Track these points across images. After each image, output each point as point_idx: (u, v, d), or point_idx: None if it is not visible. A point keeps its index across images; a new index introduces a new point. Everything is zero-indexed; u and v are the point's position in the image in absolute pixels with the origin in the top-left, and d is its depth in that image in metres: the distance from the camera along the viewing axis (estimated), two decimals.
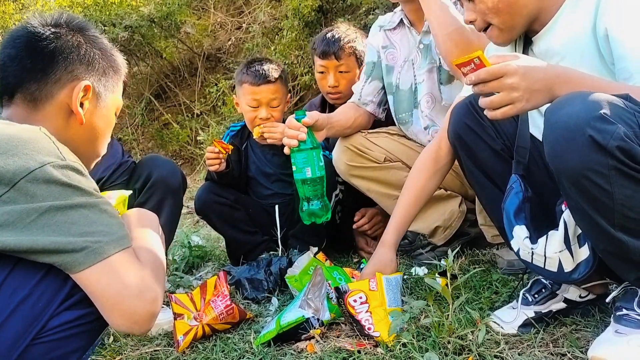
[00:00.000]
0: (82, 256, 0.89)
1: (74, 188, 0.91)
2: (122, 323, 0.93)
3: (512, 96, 1.07)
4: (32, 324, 0.89)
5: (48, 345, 0.91)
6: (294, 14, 4.72)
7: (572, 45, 1.29)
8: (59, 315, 0.91)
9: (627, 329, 1.15)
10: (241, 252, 2.23)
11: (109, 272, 0.91)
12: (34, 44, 1.06)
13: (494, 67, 1.07)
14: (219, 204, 2.19)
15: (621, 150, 0.97)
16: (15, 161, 0.89)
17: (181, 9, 5.62)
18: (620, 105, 1.00)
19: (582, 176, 1.00)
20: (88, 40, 1.12)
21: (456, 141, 1.49)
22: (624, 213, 1.02)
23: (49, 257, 0.89)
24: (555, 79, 1.09)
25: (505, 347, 1.26)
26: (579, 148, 0.99)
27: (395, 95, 2.11)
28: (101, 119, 1.14)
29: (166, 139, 5.93)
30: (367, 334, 1.40)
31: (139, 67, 6.39)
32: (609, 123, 0.97)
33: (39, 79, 1.05)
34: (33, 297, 0.89)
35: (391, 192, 2.07)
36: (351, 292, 1.48)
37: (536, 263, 1.27)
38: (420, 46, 2.02)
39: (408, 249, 2.26)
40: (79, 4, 5.50)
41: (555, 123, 1.03)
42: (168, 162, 1.94)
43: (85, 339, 0.96)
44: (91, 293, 0.92)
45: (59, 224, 0.89)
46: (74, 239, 0.89)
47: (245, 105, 2.22)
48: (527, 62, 1.09)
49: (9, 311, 0.88)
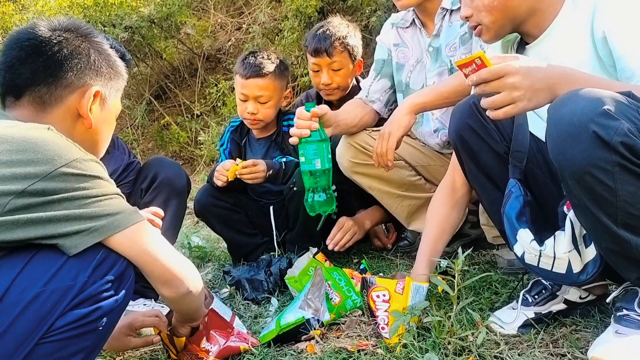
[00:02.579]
0: (118, 218, 0.99)
1: (99, 178, 1.00)
2: (160, 280, 1.07)
3: (513, 95, 1.07)
4: (41, 322, 0.90)
5: (55, 344, 0.91)
6: (294, 15, 4.73)
7: (571, 51, 1.29)
8: (66, 314, 0.92)
9: (628, 329, 1.14)
10: (241, 253, 2.23)
11: (138, 234, 1.02)
12: (44, 48, 1.09)
13: (495, 67, 1.07)
14: (218, 207, 2.18)
15: (625, 146, 0.97)
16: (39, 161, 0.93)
17: (181, 10, 5.63)
18: (624, 102, 1.00)
19: (586, 172, 1.00)
20: (94, 46, 1.16)
21: (458, 142, 1.49)
22: (627, 210, 1.02)
23: (84, 222, 0.94)
24: (556, 79, 1.09)
25: (505, 348, 1.26)
26: (583, 144, 0.99)
27: (405, 93, 2.09)
28: (105, 122, 1.19)
29: (166, 140, 5.93)
30: (376, 331, 1.41)
31: (139, 68, 6.39)
32: (612, 119, 0.97)
33: (49, 83, 1.08)
34: (44, 295, 0.90)
35: (393, 191, 2.08)
36: (376, 287, 1.48)
37: (543, 266, 1.26)
38: (429, 49, 2.00)
39: (408, 249, 2.27)
40: (78, 4, 5.51)
41: (559, 120, 1.03)
42: (174, 164, 1.98)
43: (90, 339, 0.97)
44: (129, 255, 1.01)
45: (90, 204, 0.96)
46: (107, 209, 0.98)
47: (237, 97, 2.20)
48: (528, 62, 1.09)
49: (19, 309, 0.88)
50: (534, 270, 1.29)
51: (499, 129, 1.42)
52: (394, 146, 1.76)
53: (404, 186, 2.07)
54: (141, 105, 6.10)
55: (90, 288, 0.94)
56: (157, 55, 6.27)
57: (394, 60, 2.12)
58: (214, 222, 2.23)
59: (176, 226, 1.91)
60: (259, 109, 2.14)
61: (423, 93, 1.79)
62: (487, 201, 1.50)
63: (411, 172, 2.08)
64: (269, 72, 2.12)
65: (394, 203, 2.10)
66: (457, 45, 1.93)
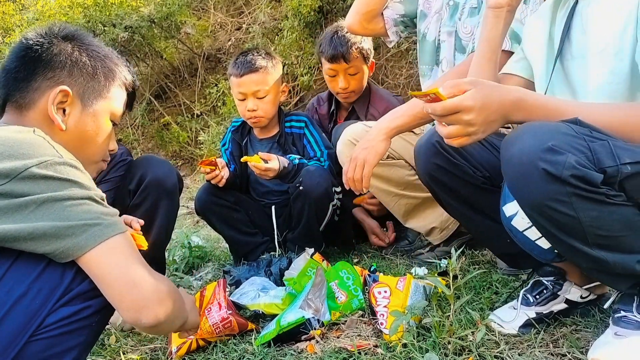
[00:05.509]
0: (83, 239, 0.91)
1: (71, 182, 0.93)
2: (130, 307, 0.94)
3: (468, 130, 1.07)
4: (30, 320, 0.89)
5: (46, 342, 0.91)
6: (294, 15, 4.73)
7: (614, 17, 1.18)
8: (56, 311, 0.92)
9: (626, 330, 1.15)
10: (242, 252, 2.23)
11: (112, 252, 0.93)
12: (22, 53, 1.09)
13: (449, 103, 1.05)
14: (218, 205, 2.19)
15: (576, 177, 0.98)
16: (12, 160, 0.90)
17: (181, 10, 5.62)
18: (569, 133, 1.01)
19: (546, 206, 1.03)
20: (77, 46, 1.13)
21: (430, 182, 1.48)
22: (595, 233, 1.03)
23: (49, 243, 0.90)
24: (509, 108, 1.08)
25: (506, 348, 1.26)
26: (536, 181, 1.01)
27: (421, 43, 2.09)
28: (88, 125, 1.13)
29: (166, 140, 5.93)
30: (377, 328, 1.43)
31: (139, 68, 6.39)
32: (558, 154, 0.98)
33: (21, 88, 1.07)
34: (31, 294, 0.89)
35: (391, 189, 2.08)
36: (378, 284, 1.51)
37: (528, 235, 1.22)
38: (450, 2, 1.97)
39: (408, 249, 2.27)
40: (79, 4, 5.49)
41: (510, 160, 1.05)
42: (163, 163, 1.89)
43: (83, 335, 0.96)
44: (96, 276, 0.93)
45: (57, 211, 0.91)
46: (74, 223, 0.91)
47: (235, 98, 2.21)
48: (482, 93, 1.06)
49: (6, 308, 0.88)
50: (514, 234, 1.25)
51: (469, 162, 1.39)
52: (370, 175, 1.69)
53: (403, 185, 2.08)
54: (141, 105, 6.10)
55: (79, 287, 0.94)
56: (157, 55, 6.27)
57: (419, 7, 2.10)
58: (215, 221, 2.23)
59: (168, 228, 1.86)
60: (258, 105, 2.15)
61: (398, 115, 1.71)
62: (478, 231, 1.44)
63: (410, 172, 2.08)
64: (262, 66, 2.13)
65: (392, 201, 2.11)
66: (466, 13, 1.91)
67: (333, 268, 1.74)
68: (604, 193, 1.00)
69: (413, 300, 1.48)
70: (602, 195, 1.00)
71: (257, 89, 2.12)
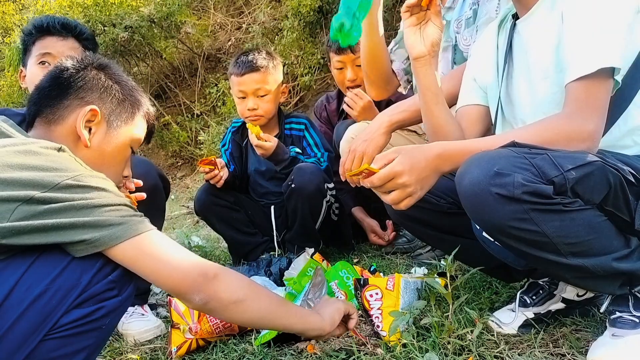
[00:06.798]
0: (120, 229, 0.97)
1: (106, 191, 1.01)
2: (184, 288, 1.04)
3: (407, 191, 1.15)
4: (45, 319, 0.92)
5: (58, 341, 0.93)
6: (294, 15, 4.73)
7: (546, 33, 1.25)
8: (70, 312, 0.94)
9: (623, 330, 1.16)
10: (241, 252, 2.23)
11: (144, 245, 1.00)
12: (57, 75, 1.18)
13: (383, 172, 1.13)
14: (218, 205, 2.19)
15: (528, 193, 1.02)
16: (50, 171, 0.96)
17: (181, 10, 5.63)
18: (510, 155, 1.06)
19: (509, 227, 1.06)
20: (108, 74, 1.21)
21: (401, 219, 1.52)
22: (563, 242, 1.06)
23: (88, 232, 0.94)
24: (436, 161, 1.16)
25: (505, 348, 1.26)
26: (492, 206, 1.05)
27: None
28: (110, 145, 1.19)
29: (166, 139, 5.93)
30: (375, 331, 1.42)
31: (139, 68, 6.40)
32: (505, 176, 1.03)
33: (52, 105, 1.15)
34: (49, 293, 0.92)
35: None
36: (369, 287, 1.50)
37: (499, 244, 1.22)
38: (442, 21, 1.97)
39: (407, 247, 2.27)
40: (79, 4, 5.49)
41: (464, 193, 1.10)
42: (143, 162, 1.80)
43: (93, 337, 0.99)
44: (131, 266, 0.99)
45: (97, 215, 0.97)
46: (111, 218, 0.97)
47: (235, 98, 2.22)
48: (407, 156, 1.14)
49: (25, 306, 0.90)
50: (487, 244, 1.28)
51: (432, 193, 1.37)
52: None
53: None
54: None
55: (94, 288, 0.96)
56: (157, 55, 6.27)
57: None
58: (214, 221, 2.23)
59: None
60: (258, 104, 2.16)
61: (400, 110, 1.72)
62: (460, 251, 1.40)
63: None
64: (263, 66, 2.15)
65: None
66: (463, 25, 1.91)
67: (333, 268, 1.74)
68: (559, 202, 1.03)
69: (405, 299, 1.48)
70: (558, 205, 1.03)
71: (257, 87, 2.14)
